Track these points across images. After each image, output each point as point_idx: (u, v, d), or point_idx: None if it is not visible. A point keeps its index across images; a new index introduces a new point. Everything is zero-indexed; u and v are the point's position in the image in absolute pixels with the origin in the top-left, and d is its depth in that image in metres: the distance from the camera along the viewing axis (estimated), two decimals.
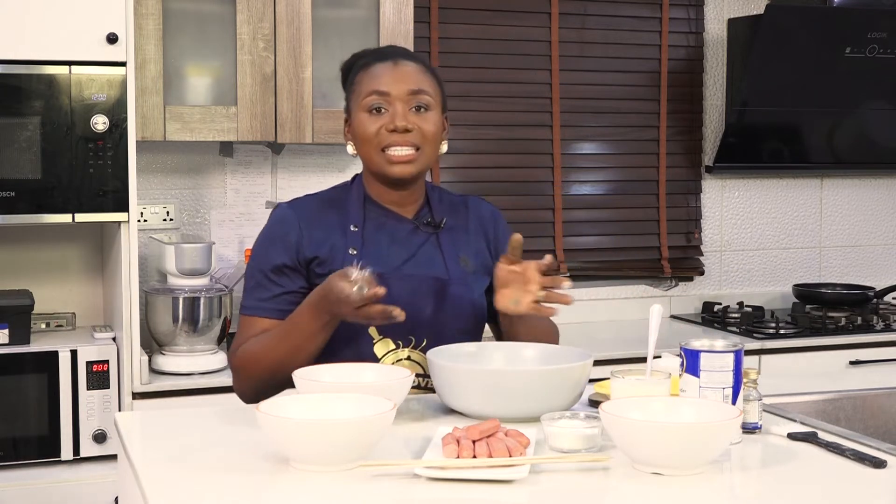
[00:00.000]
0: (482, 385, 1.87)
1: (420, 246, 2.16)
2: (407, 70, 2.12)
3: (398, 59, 2.13)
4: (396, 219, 2.16)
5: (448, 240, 2.18)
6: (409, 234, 2.16)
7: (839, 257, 4.34)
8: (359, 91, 2.12)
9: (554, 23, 3.89)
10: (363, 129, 2.10)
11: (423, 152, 2.10)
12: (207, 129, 3.14)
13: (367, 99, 2.10)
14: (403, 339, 2.09)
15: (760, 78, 3.95)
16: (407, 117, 2.08)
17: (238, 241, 3.49)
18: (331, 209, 2.16)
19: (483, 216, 2.25)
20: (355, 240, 2.12)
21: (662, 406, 1.71)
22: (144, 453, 1.79)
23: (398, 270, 2.11)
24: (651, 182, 4.05)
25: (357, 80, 2.14)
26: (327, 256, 2.11)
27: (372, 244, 2.12)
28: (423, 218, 2.18)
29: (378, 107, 2.09)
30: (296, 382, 1.85)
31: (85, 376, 2.90)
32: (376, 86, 2.09)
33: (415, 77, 2.11)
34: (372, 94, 2.09)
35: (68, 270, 3.31)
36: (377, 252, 2.11)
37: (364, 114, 2.10)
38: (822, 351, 3.62)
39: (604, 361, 2.73)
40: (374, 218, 2.15)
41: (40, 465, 2.89)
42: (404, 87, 2.09)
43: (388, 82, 2.09)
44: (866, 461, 1.67)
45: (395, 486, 1.55)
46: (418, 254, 2.15)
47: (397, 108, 2.08)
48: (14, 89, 2.80)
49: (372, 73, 2.12)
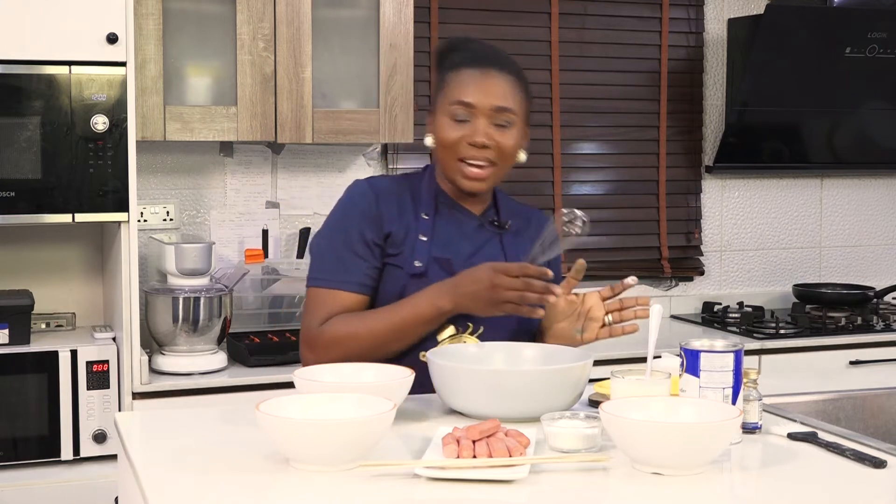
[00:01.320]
0: (482, 385, 1.87)
1: (485, 243, 2.20)
2: (496, 83, 2.12)
3: (489, 69, 2.13)
4: (465, 214, 2.21)
5: (511, 242, 2.23)
6: (475, 230, 2.20)
7: (839, 257, 4.34)
8: (445, 94, 2.14)
9: (554, 23, 3.89)
10: (444, 134, 2.13)
11: (497, 167, 2.14)
12: (207, 129, 3.14)
13: (451, 107, 2.12)
14: (463, 326, 2.12)
15: (760, 78, 3.95)
16: (488, 133, 2.11)
17: (238, 241, 3.49)
18: (404, 192, 2.19)
19: (544, 227, 2.28)
20: (426, 227, 2.15)
21: (662, 406, 1.71)
22: (144, 453, 1.79)
23: (464, 261, 2.15)
24: (651, 182, 4.05)
25: (446, 81, 2.15)
26: (400, 238, 2.14)
27: (441, 233, 2.16)
28: (489, 217, 2.23)
29: (462, 118, 2.11)
30: (296, 382, 1.86)
31: (85, 376, 2.90)
32: (463, 96, 2.11)
33: (502, 92, 2.12)
34: (457, 104, 2.11)
35: (68, 270, 3.31)
36: (446, 241, 2.16)
37: (447, 119, 2.13)
38: (822, 351, 3.62)
39: (604, 361, 2.72)
40: (444, 209, 2.19)
41: (40, 465, 2.89)
42: (490, 102, 2.11)
43: (474, 94, 2.11)
44: (866, 461, 1.67)
45: (395, 486, 1.55)
46: (482, 250, 2.19)
47: (479, 123, 2.11)
48: (14, 89, 2.80)
49: (461, 80, 2.13)
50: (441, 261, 2.13)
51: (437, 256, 2.14)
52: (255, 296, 3.37)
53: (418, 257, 2.12)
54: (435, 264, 2.13)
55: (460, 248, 2.17)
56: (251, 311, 3.37)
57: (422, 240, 2.14)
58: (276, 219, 3.54)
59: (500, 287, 1.97)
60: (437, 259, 2.13)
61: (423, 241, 2.13)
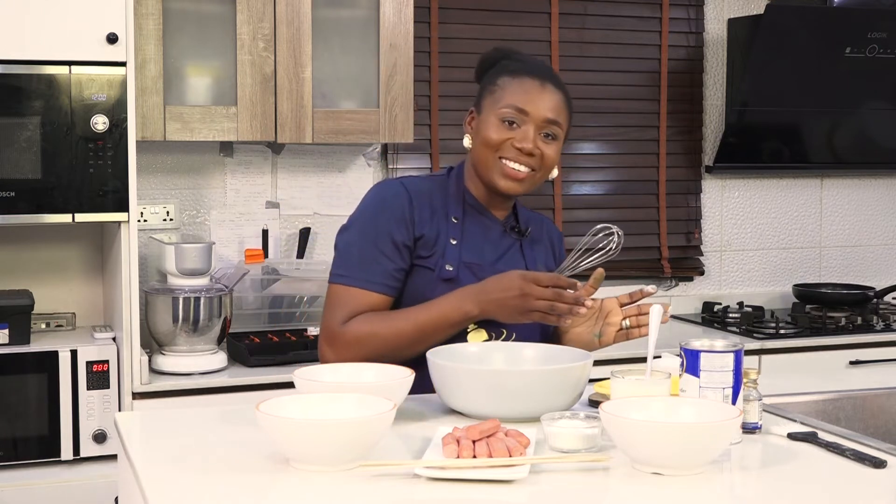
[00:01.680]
0: (482, 385, 1.87)
1: (508, 249, 2.23)
2: (552, 97, 2.17)
3: (547, 83, 2.17)
4: (490, 219, 2.23)
5: (530, 249, 2.26)
6: (499, 236, 2.23)
7: (839, 257, 4.34)
8: (500, 96, 2.15)
9: (554, 23, 3.89)
10: (490, 133, 2.14)
11: (536, 175, 2.17)
12: (207, 129, 3.14)
13: (505, 109, 2.14)
14: (496, 332, 2.14)
15: (760, 78, 3.95)
16: (535, 141, 2.13)
17: (238, 241, 3.49)
18: (436, 194, 2.20)
19: (553, 236, 2.35)
20: (455, 231, 2.17)
21: (662, 406, 1.71)
22: (144, 453, 1.79)
23: (491, 265, 2.17)
24: (651, 182, 4.05)
25: (500, 84, 2.17)
26: (432, 240, 2.15)
27: (470, 237, 2.18)
28: (510, 223, 2.25)
29: (513, 121, 2.13)
30: (296, 382, 1.86)
31: (85, 376, 2.90)
32: (519, 102, 2.13)
33: (556, 106, 2.17)
34: (512, 108, 2.13)
35: (68, 270, 3.31)
36: (474, 246, 2.18)
37: (496, 120, 2.14)
38: (822, 351, 3.62)
39: (604, 361, 2.72)
40: (471, 213, 2.21)
41: (40, 465, 2.89)
42: (544, 112, 2.14)
43: (531, 101, 2.14)
44: (866, 461, 1.67)
45: (395, 486, 1.55)
46: (506, 256, 2.22)
47: (529, 130, 2.13)
48: (14, 89, 2.80)
49: (519, 85, 2.15)
50: (471, 265, 2.15)
51: (468, 261, 2.15)
52: (255, 296, 3.37)
53: (449, 261, 2.14)
54: (465, 269, 2.15)
55: (486, 253, 2.19)
56: (251, 311, 3.37)
57: (452, 243, 2.15)
58: (276, 219, 3.54)
59: (531, 296, 1.99)
60: (467, 263, 2.15)
61: (454, 245, 2.15)
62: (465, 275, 2.14)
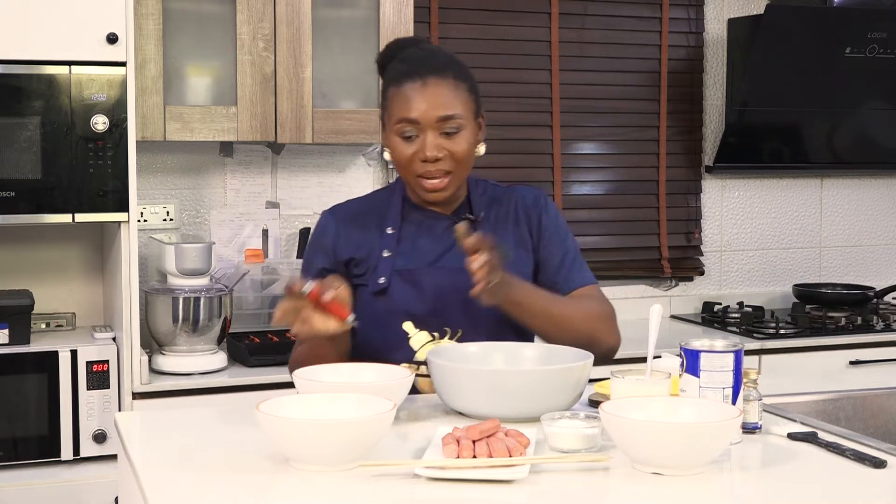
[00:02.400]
0: (482, 385, 1.87)
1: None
2: (437, 92, 2.09)
3: (428, 77, 2.09)
4: (434, 217, 2.21)
5: (487, 232, 2.18)
6: (445, 230, 2.19)
7: (839, 257, 4.34)
8: (390, 112, 2.13)
9: (554, 23, 3.89)
10: (397, 153, 2.13)
11: (454, 174, 2.13)
12: (207, 129, 3.14)
13: (398, 126, 2.10)
14: (439, 331, 2.12)
15: (760, 78, 3.95)
16: (437, 145, 2.09)
17: (238, 241, 3.49)
18: (370, 212, 2.22)
19: (527, 202, 2.26)
20: (390, 242, 2.16)
21: (662, 406, 1.71)
22: (144, 453, 1.79)
23: (430, 265, 2.15)
24: (651, 182, 4.05)
25: (389, 97, 2.14)
26: (364, 257, 2.17)
27: (407, 243, 2.17)
28: (462, 213, 2.21)
29: (409, 134, 2.10)
30: (296, 383, 1.86)
31: (85, 376, 2.90)
32: (406, 113, 2.09)
33: (444, 100, 2.09)
34: (402, 122, 2.10)
35: (68, 270, 3.31)
36: (411, 250, 2.17)
37: (397, 137, 2.12)
38: (822, 351, 3.62)
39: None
40: (412, 218, 2.20)
41: (40, 465, 2.89)
42: (433, 113, 2.08)
43: (417, 108, 2.08)
44: (866, 461, 1.67)
45: (395, 486, 1.55)
46: (454, 248, 2.15)
47: (427, 138, 2.09)
48: (14, 89, 2.80)
49: (402, 96, 2.10)
50: (404, 272, 2.14)
51: (400, 269, 2.14)
52: (255, 296, 3.37)
53: (382, 274, 2.14)
54: (397, 277, 2.14)
55: (429, 252, 2.17)
56: (251, 311, 3.37)
57: (385, 256, 2.15)
58: (276, 219, 3.54)
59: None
60: (399, 272, 2.14)
61: (387, 257, 2.15)
62: (396, 284, 2.13)
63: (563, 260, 2.21)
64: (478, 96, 2.17)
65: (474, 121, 2.15)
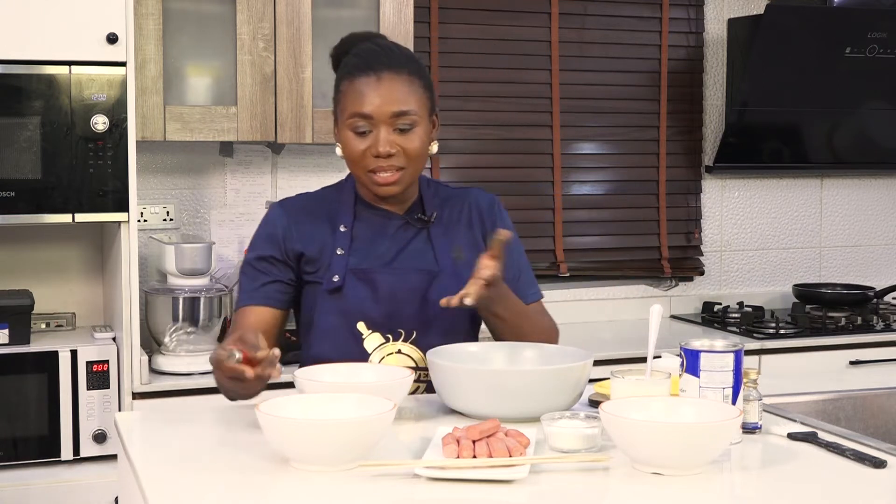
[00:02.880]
0: (482, 385, 1.87)
1: (410, 240, 2.17)
2: (391, 87, 2.06)
3: (383, 72, 2.07)
4: (387, 216, 2.18)
5: (440, 233, 2.18)
6: (398, 230, 2.17)
7: (839, 257, 4.34)
8: (343, 106, 2.10)
9: (554, 23, 3.89)
10: (349, 148, 2.10)
11: (407, 171, 2.10)
12: (207, 129, 3.14)
13: (350, 120, 2.08)
14: (392, 333, 2.10)
15: (760, 78, 3.95)
16: (390, 141, 2.06)
17: (238, 241, 3.49)
18: (322, 209, 2.18)
19: (481, 206, 2.24)
20: (343, 240, 2.13)
21: (662, 406, 1.71)
22: (144, 453, 1.79)
23: (385, 265, 2.13)
24: (651, 182, 4.05)
25: (342, 91, 2.11)
26: (316, 255, 2.13)
27: (361, 242, 2.14)
28: (414, 213, 2.19)
29: (363, 130, 2.07)
30: (296, 383, 1.86)
31: (85, 376, 2.90)
32: (359, 107, 2.06)
33: (399, 95, 2.06)
34: (356, 117, 2.07)
35: (68, 270, 3.31)
36: (365, 249, 2.14)
37: (349, 132, 2.09)
38: (822, 351, 3.62)
39: (604, 361, 2.73)
40: (364, 217, 2.17)
41: (40, 465, 2.89)
42: (387, 109, 2.06)
43: (370, 104, 2.05)
44: (866, 461, 1.67)
45: (395, 486, 1.55)
46: (408, 248, 2.16)
47: (380, 133, 2.06)
48: (14, 89, 2.80)
49: (356, 90, 2.07)
50: (358, 272, 2.11)
51: (356, 268, 2.12)
52: None
53: (336, 272, 2.11)
54: (352, 276, 2.11)
55: (383, 251, 2.14)
56: None
57: (339, 253, 2.12)
58: None
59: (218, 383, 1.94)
60: (354, 271, 2.11)
61: (341, 255, 2.12)
62: (351, 283, 2.10)
63: (519, 276, 2.21)
64: (433, 94, 2.15)
65: (428, 118, 2.12)
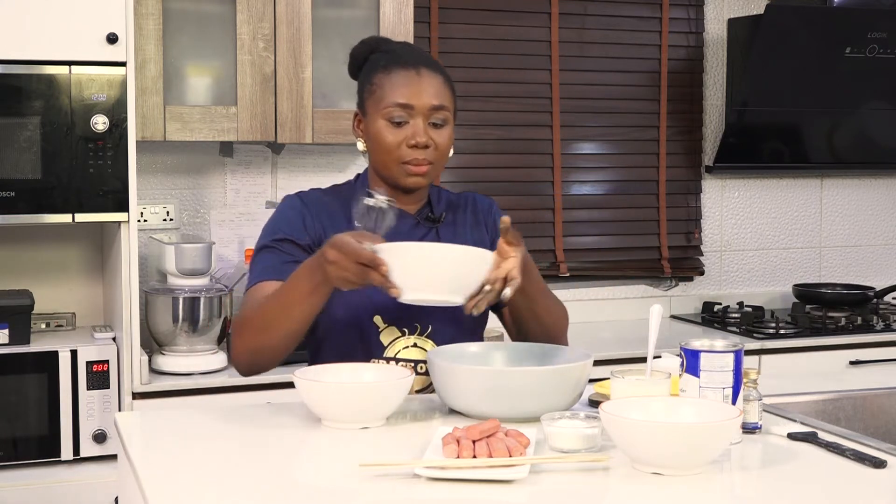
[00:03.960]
0: (482, 385, 1.87)
1: (421, 239, 2.18)
2: (431, 82, 2.11)
3: (421, 69, 2.12)
4: (400, 214, 2.17)
5: (448, 232, 2.21)
6: (411, 229, 2.18)
7: (839, 257, 4.35)
8: (380, 97, 2.11)
9: (554, 23, 3.89)
10: (383, 139, 2.10)
11: (434, 166, 2.13)
12: (207, 129, 3.14)
13: (389, 109, 2.09)
14: (409, 327, 2.11)
15: (760, 78, 3.95)
16: (427, 133, 2.09)
17: (238, 241, 3.49)
18: (335, 202, 2.18)
19: (482, 208, 2.28)
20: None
21: (662, 406, 1.71)
22: (144, 453, 1.79)
23: None
24: (651, 182, 4.06)
25: (377, 83, 2.12)
26: None
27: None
28: (424, 213, 2.21)
29: (400, 120, 2.09)
30: (296, 383, 1.86)
31: (85, 376, 2.90)
32: (400, 98, 2.09)
33: (437, 91, 2.11)
34: (395, 107, 2.08)
35: (68, 270, 3.31)
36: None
37: (384, 122, 2.10)
38: (822, 351, 3.62)
39: (604, 361, 2.73)
40: None
41: (40, 465, 2.89)
42: (427, 101, 2.09)
43: (411, 95, 2.09)
44: (866, 461, 1.67)
45: (395, 486, 1.55)
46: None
47: (418, 124, 2.09)
48: (14, 89, 2.80)
49: (395, 81, 2.10)
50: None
51: None
52: None
53: None
54: None
55: None
56: None
57: None
58: None
59: (334, 264, 1.88)
60: None
61: None
62: None
63: None
64: (456, 99, 2.19)
65: (453, 120, 2.17)
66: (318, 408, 1.85)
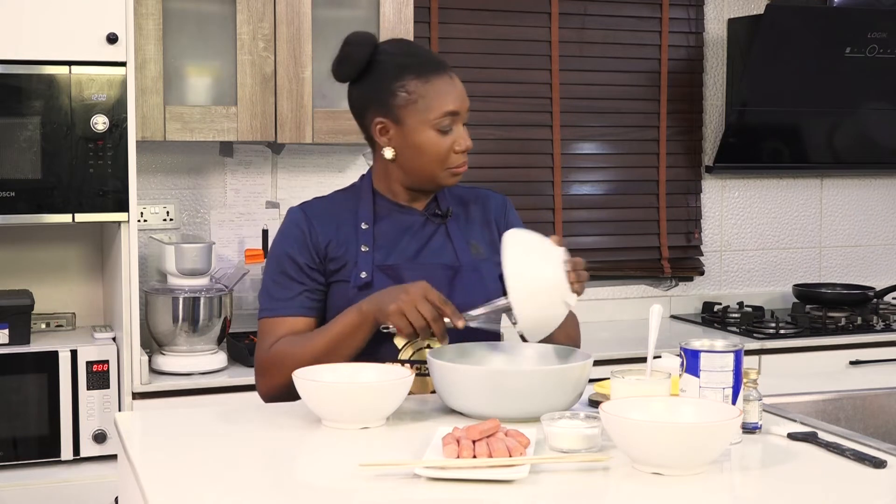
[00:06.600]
0: (482, 385, 1.87)
1: (430, 236, 2.19)
2: (459, 84, 2.14)
3: (448, 71, 2.14)
4: (407, 212, 2.20)
5: (456, 228, 2.21)
6: (419, 226, 2.19)
7: (839, 257, 4.35)
8: (425, 106, 2.08)
9: (554, 23, 3.89)
10: (433, 148, 2.10)
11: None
12: (207, 129, 3.14)
13: (440, 119, 2.09)
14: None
15: (760, 78, 3.95)
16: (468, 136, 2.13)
17: (238, 241, 3.49)
18: (340, 208, 2.19)
19: (493, 205, 2.29)
20: (366, 237, 2.14)
21: (662, 406, 1.71)
22: (144, 453, 1.79)
23: (409, 261, 2.15)
24: (651, 182, 4.06)
25: (416, 91, 2.09)
26: (340, 254, 2.14)
27: (384, 239, 2.16)
28: (431, 209, 2.22)
29: (449, 129, 2.10)
30: (296, 383, 1.86)
31: (85, 376, 2.90)
32: (449, 105, 2.09)
33: (464, 91, 2.14)
34: (446, 116, 2.09)
35: (68, 270, 3.31)
36: (389, 245, 2.15)
37: (433, 132, 2.09)
38: (822, 351, 3.62)
39: (604, 361, 2.73)
40: (384, 213, 2.19)
41: (40, 465, 2.89)
42: (466, 105, 2.13)
43: (455, 101, 2.10)
44: (866, 461, 1.67)
45: (395, 486, 1.55)
46: (429, 244, 2.18)
47: (461, 129, 2.12)
48: (14, 89, 2.80)
49: (438, 89, 2.09)
50: (385, 268, 2.12)
51: (381, 265, 2.12)
52: (254, 296, 3.37)
53: (363, 268, 2.11)
54: (380, 273, 2.12)
55: (405, 247, 2.16)
56: (251, 311, 3.37)
57: (364, 250, 2.13)
58: (276, 219, 3.54)
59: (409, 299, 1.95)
60: (381, 267, 2.12)
61: (366, 252, 2.12)
62: (379, 279, 2.11)
63: None
64: None
65: None
66: (318, 408, 1.85)
